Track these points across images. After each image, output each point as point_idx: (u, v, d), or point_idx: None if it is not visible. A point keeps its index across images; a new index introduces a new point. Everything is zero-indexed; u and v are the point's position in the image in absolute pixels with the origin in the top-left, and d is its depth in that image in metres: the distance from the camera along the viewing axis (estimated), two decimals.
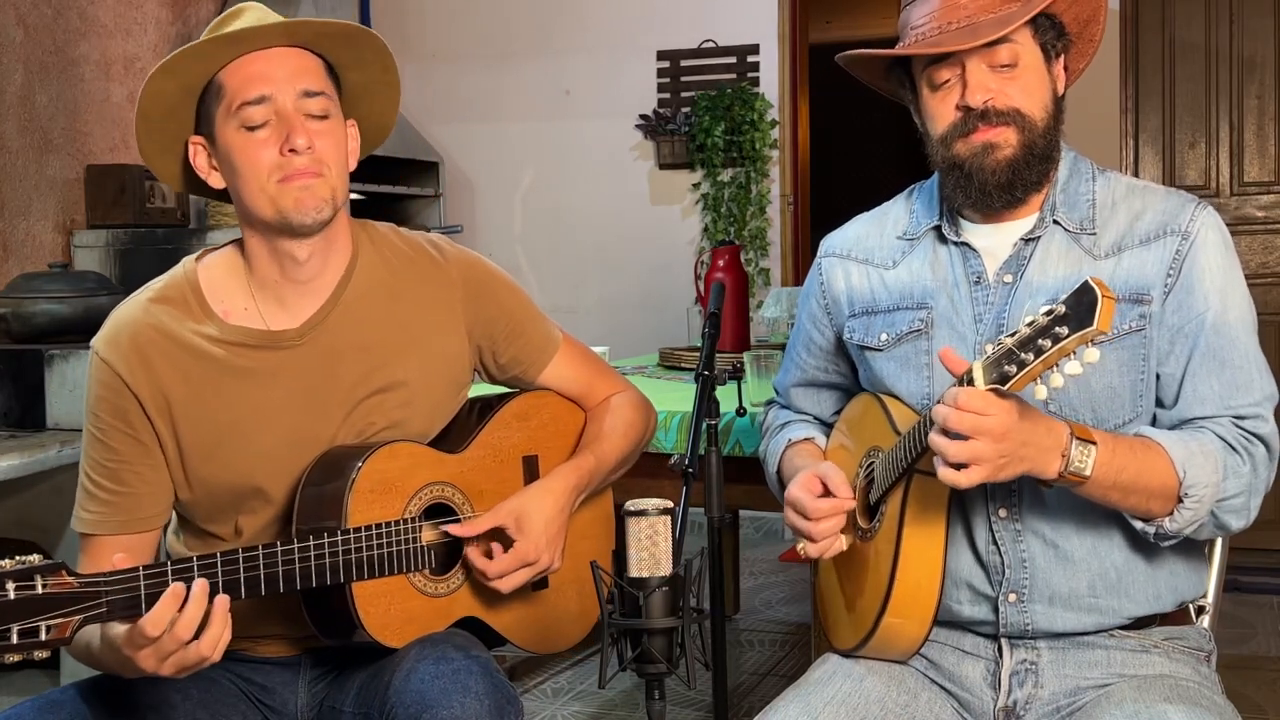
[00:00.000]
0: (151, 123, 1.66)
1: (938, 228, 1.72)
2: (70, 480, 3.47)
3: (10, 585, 1.32)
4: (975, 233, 1.69)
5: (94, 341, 1.67)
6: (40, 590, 1.34)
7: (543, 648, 1.85)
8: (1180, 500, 1.52)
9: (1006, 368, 1.37)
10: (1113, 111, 4.68)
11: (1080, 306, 1.32)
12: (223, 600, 1.44)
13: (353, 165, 1.71)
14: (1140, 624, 1.64)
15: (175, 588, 1.41)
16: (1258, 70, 4.55)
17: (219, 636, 1.43)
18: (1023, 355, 1.35)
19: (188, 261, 1.72)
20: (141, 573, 1.42)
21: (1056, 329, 1.33)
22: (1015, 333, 1.37)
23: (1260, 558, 4.31)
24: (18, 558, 1.35)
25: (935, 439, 1.43)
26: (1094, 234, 1.64)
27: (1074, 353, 1.33)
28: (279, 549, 1.54)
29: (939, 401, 1.44)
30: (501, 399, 1.87)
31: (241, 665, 1.73)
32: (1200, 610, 1.71)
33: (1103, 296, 1.30)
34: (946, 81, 1.62)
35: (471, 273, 1.83)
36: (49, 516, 3.38)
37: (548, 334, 1.91)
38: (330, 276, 1.71)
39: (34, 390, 3.45)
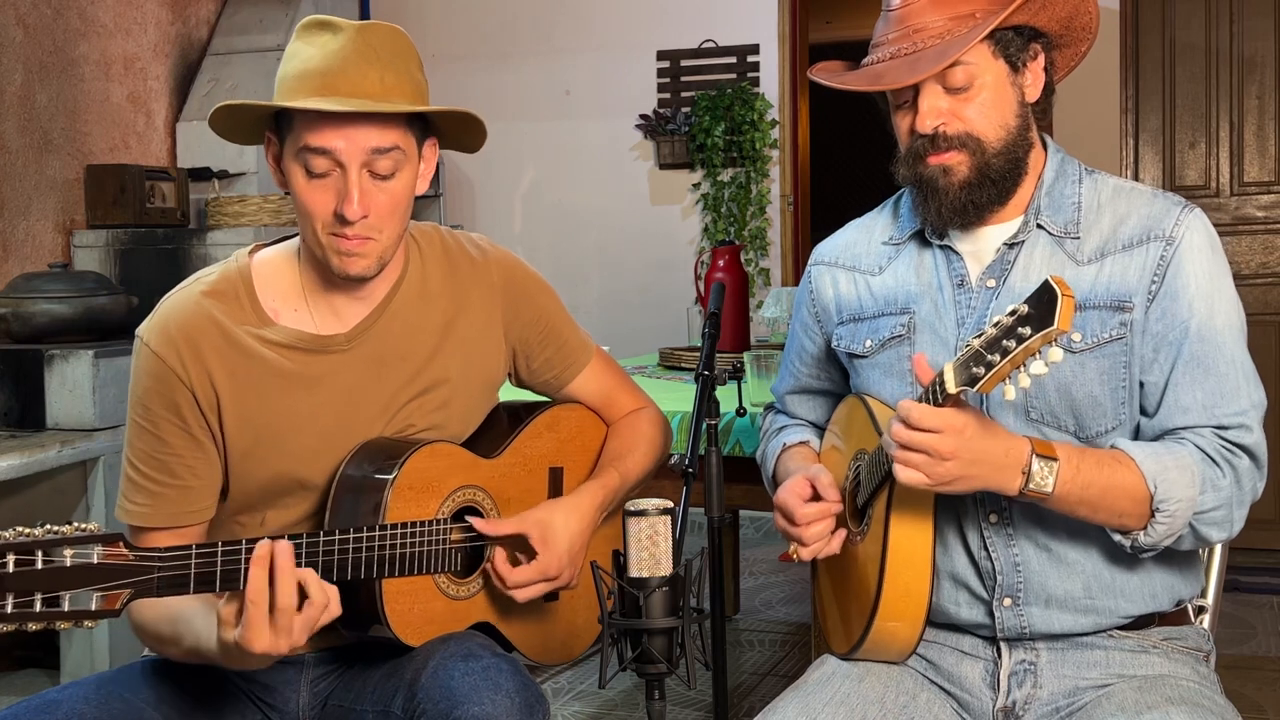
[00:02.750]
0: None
1: (921, 232, 1.71)
2: (70, 480, 3.45)
3: (67, 551, 1.33)
4: (959, 236, 1.68)
5: (142, 331, 1.64)
6: (95, 560, 1.34)
7: (548, 659, 1.85)
8: (1152, 515, 1.51)
9: (975, 369, 1.37)
10: (1113, 111, 4.68)
11: (1041, 305, 1.32)
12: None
13: (423, 188, 1.66)
14: (1139, 624, 1.63)
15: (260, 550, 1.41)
16: (1258, 70, 4.55)
17: (327, 593, 1.44)
18: (990, 356, 1.36)
19: (241, 255, 1.70)
20: (194, 551, 1.43)
21: (1020, 329, 1.33)
22: (981, 333, 1.38)
23: (1260, 558, 4.31)
24: (76, 524, 1.35)
25: (891, 451, 1.46)
26: (1078, 238, 1.62)
27: (1039, 352, 1.34)
28: (321, 538, 1.54)
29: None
30: (533, 408, 1.87)
31: None
32: (1200, 610, 1.71)
33: (1062, 295, 1.31)
34: (905, 102, 1.62)
35: (512, 274, 1.82)
36: (49, 516, 3.38)
37: (583, 343, 1.91)
38: (383, 286, 1.70)
39: (34, 390, 3.45)
